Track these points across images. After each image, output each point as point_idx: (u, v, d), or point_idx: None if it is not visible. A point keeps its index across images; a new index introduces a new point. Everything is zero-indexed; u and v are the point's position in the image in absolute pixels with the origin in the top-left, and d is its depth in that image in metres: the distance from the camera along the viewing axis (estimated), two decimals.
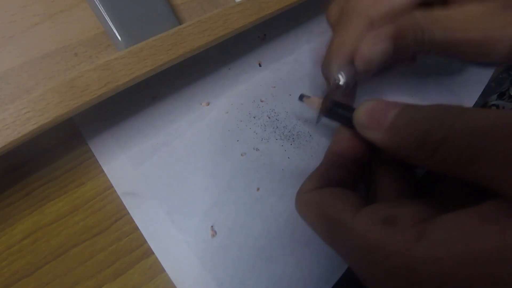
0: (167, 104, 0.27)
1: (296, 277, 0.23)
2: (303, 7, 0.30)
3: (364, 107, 0.18)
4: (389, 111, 0.16)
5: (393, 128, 0.16)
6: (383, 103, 0.17)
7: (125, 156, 0.25)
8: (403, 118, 0.16)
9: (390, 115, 0.16)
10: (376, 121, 0.17)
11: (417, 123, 0.15)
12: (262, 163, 0.26)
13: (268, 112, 0.28)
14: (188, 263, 0.22)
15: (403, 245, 0.13)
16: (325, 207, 0.17)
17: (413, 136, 0.15)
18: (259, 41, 0.31)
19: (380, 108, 0.17)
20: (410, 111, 0.16)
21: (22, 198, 0.22)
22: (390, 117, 0.16)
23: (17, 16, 0.23)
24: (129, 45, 0.22)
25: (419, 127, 0.15)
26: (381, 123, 0.16)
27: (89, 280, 0.21)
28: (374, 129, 0.17)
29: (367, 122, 0.17)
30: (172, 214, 0.23)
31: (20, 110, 0.18)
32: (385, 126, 0.16)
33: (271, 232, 0.24)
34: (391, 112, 0.16)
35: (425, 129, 0.14)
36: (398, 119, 0.16)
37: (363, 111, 0.18)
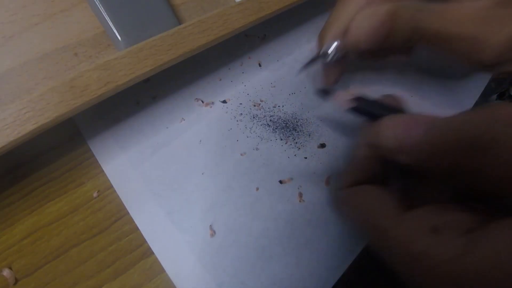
0: (167, 104, 0.27)
1: (296, 277, 0.23)
2: (303, 7, 0.30)
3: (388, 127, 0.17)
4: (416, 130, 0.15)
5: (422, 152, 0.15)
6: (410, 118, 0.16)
7: (125, 156, 0.25)
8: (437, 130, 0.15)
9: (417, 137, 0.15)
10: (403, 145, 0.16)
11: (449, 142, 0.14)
12: (262, 163, 0.26)
13: (268, 112, 0.28)
14: (188, 263, 0.22)
15: (449, 256, 0.12)
16: (365, 210, 0.16)
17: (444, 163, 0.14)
18: (259, 41, 0.31)
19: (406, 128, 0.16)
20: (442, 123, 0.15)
21: (22, 198, 0.22)
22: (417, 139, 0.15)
23: (17, 16, 0.23)
24: (129, 45, 0.22)
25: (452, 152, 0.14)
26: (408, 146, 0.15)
27: (89, 280, 0.21)
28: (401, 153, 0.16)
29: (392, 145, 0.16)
30: (172, 214, 0.23)
31: (20, 110, 0.18)
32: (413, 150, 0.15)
33: (271, 232, 0.24)
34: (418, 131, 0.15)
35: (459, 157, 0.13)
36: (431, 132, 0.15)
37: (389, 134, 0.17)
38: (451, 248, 0.12)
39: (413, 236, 0.14)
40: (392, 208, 0.16)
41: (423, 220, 0.14)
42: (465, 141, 0.14)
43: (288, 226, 0.24)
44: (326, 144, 0.27)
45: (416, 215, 0.15)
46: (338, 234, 0.24)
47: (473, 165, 0.13)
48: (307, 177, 0.26)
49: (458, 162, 0.14)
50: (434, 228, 0.13)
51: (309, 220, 0.24)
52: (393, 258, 0.15)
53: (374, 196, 0.17)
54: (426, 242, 0.13)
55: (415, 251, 0.13)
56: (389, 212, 0.15)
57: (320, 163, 0.26)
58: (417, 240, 0.13)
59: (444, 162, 0.14)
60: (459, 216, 0.14)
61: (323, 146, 0.27)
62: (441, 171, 0.15)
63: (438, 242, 0.13)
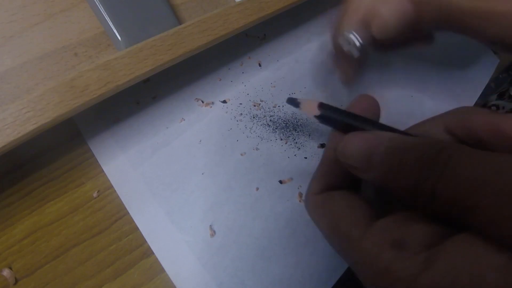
0: (167, 104, 0.27)
1: (296, 277, 0.23)
2: (303, 7, 0.30)
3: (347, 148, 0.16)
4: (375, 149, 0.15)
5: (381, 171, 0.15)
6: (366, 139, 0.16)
7: (125, 156, 0.25)
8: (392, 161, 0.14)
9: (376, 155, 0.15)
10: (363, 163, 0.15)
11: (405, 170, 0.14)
12: (262, 163, 0.26)
13: (268, 112, 0.28)
14: (188, 263, 0.22)
15: (410, 272, 0.12)
16: (335, 218, 0.16)
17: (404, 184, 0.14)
18: (259, 41, 0.31)
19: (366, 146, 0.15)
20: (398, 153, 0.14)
21: (22, 198, 0.22)
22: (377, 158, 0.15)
23: (17, 16, 0.23)
24: (129, 45, 0.22)
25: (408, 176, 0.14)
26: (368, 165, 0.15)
27: (89, 280, 0.21)
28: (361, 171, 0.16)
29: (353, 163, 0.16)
30: (172, 214, 0.23)
31: (20, 110, 0.18)
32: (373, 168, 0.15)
33: (271, 232, 0.24)
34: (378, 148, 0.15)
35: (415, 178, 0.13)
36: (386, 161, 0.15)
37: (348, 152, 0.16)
38: (412, 264, 0.12)
39: (377, 250, 0.13)
40: (362, 217, 0.15)
41: (387, 233, 0.14)
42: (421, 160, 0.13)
43: (288, 226, 0.24)
44: (326, 144, 0.27)
45: (381, 227, 0.14)
46: None
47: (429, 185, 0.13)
48: (307, 177, 0.26)
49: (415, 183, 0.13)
50: (396, 242, 0.13)
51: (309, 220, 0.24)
52: (359, 272, 0.15)
53: (344, 203, 0.16)
54: (388, 257, 0.13)
55: (379, 266, 0.13)
56: (358, 222, 0.15)
57: None
58: (381, 254, 0.13)
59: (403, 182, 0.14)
60: (422, 229, 0.14)
61: (323, 146, 0.27)
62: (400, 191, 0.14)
63: (399, 258, 0.13)
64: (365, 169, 0.15)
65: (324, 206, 0.17)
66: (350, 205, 0.16)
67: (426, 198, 0.13)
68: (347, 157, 0.16)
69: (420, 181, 0.13)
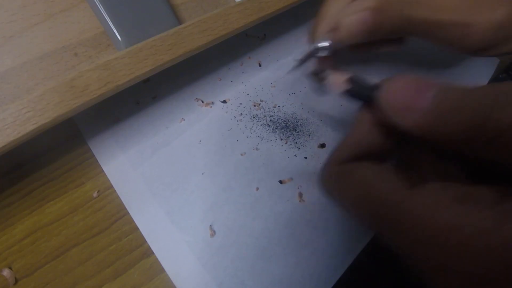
0: (167, 104, 0.27)
1: (296, 277, 0.23)
2: (303, 7, 0.30)
3: (392, 85, 0.15)
4: (426, 90, 0.14)
5: (435, 112, 0.13)
6: (416, 80, 0.14)
7: (125, 156, 0.25)
8: (450, 100, 0.13)
9: (428, 96, 0.14)
10: (411, 102, 0.14)
11: (470, 106, 0.13)
12: (262, 163, 0.26)
13: (267, 112, 0.28)
14: (188, 263, 0.22)
15: (491, 224, 0.11)
16: (368, 185, 0.14)
17: (466, 122, 0.13)
18: (259, 41, 0.31)
19: (414, 87, 0.14)
20: (458, 92, 0.13)
21: (22, 198, 0.22)
22: (430, 98, 0.14)
23: (17, 16, 0.23)
24: (129, 45, 0.22)
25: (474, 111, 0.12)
26: (418, 104, 0.14)
27: (89, 280, 0.21)
28: (408, 111, 0.14)
29: (399, 102, 0.14)
30: (172, 214, 0.23)
31: (20, 110, 0.18)
32: (424, 108, 0.14)
33: (271, 232, 0.24)
34: (429, 91, 0.14)
35: (483, 113, 0.12)
36: (443, 100, 0.13)
37: (394, 89, 0.15)
38: (482, 219, 0.11)
39: (435, 207, 0.12)
40: (400, 182, 0.14)
41: (443, 192, 0.13)
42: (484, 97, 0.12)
43: (288, 226, 0.24)
44: (326, 144, 0.27)
45: (434, 188, 0.13)
46: (338, 234, 0.24)
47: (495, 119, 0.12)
48: (307, 177, 0.26)
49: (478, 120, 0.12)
50: (464, 198, 0.12)
51: (309, 220, 0.24)
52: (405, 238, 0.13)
53: (377, 170, 0.15)
54: (453, 212, 0.12)
55: (440, 223, 0.12)
56: (397, 186, 0.14)
57: (320, 163, 0.26)
58: (442, 211, 0.12)
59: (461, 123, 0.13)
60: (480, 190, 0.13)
61: (323, 146, 0.27)
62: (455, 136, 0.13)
63: (467, 213, 0.12)
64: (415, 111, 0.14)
65: (352, 175, 0.16)
66: (384, 172, 0.15)
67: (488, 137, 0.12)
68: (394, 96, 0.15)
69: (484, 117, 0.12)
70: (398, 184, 0.14)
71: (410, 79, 0.15)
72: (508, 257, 0.11)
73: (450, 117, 0.13)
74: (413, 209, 0.13)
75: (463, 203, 0.12)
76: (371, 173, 0.15)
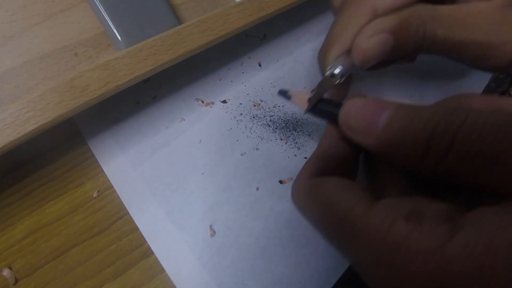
0: (167, 104, 0.27)
1: (296, 277, 0.23)
2: (303, 7, 0.30)
3: (350, 107, 0.16)
4: (381, 112, 0.15)
5: (387, 133, 0.14)
6: (372, 102, 0.15)
7: (125, 156, 0.25)
8: (400, 120, 0.14)
9: (382, 117, 0.14)
10: (366, 124, 0.15)
11: (417, 126, 0.13)
12: (262, 163, 0.26)
13: (268, 112, 0.28)
14: (188, 263, 0.22)
15: (434, 243, 0.11)
16: (331, 199, 0.15)
17: (413, 142, 0.13)
18: (259, 41, 0.31)
19: (370, 108, 0.15)
20: (407, 113, 0.14)
21: (22, 198, 0.22)
22: (383, 119, 0.14)
23: (17, 16, 0.23)
24: (129, 45, 0.22)
25: (420, 131, 0.13)
26: (372, 126, 0.15)
27: (89, 280, 0.21)
28: (364, 133, 0.15)
29: (355, 125, 0.16)
30: (172, 214, 0.23)
31: (20, 110, 0.18)
32: (377, 130, 0.14)
33: (271, 232, 0.24)
34: (383, 113, 0.14)
35: (428, 133, 0.13)
36: (394, 121, 0.14)
37: (350, 112, 0.16)
38: (433, 236, 0.12)
39: (388, 224, 0.12)
40: (362, 197, 0.14)
41: (398, 208, 0.13)
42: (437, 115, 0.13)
43: (288, 226, 0.24)
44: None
45: (390, 203, 0.13)
46: None
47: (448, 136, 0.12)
48: None
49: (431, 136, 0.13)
50: (412, 215, 0.12)
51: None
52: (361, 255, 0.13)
53: (340, 185, 0.15)
54: (404, 230, 0.12)
55: (392, 241, 0.12)
56: (359, 201, 0.14)
57: None
58: (394, 228, 0.12)
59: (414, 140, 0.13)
60: (436, 204, 0.13)
61: None
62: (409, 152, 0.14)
63: (418, 230, 0.12)
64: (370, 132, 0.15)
65: (317, 189, 0.16)
66: (347, 187, 0.15)
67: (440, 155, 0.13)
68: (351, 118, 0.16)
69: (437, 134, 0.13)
70: (360, 200, 0.14)
71: (365, 101, 0.15)
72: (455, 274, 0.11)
73: (399, 137, 0.14)
74: (367, 226, 0.13)
75: (414, 220, 0.12)
76: (334, 187, 0.15)
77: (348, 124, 0.16)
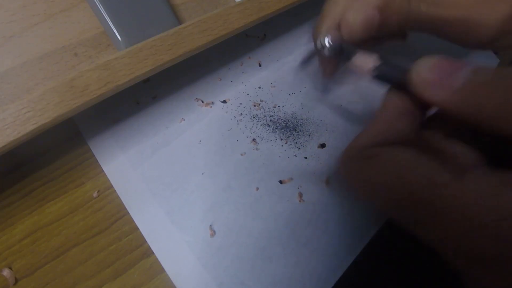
0: (167, 104, 0.27)
1: (296, 277, 0.23)
2: (303, 7, 0.30)
3: (427, 62, 0.15)
4: (457, 69, 0.14)
5: (469, 88, 0.13)
6: (447, 59, 0.14)
7: (125, 156, 0.25)
8: (484, 77, 0.13)
9: (461, 73, 0.14)
10: (445, 78, 0.14)
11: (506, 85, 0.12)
12: (262, 163, 0.26)
13: (268, 112, 0.28)
14: (188, 263, 0.22)
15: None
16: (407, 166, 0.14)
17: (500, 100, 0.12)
18: (259, 41, 0.31)
19: (447, 64, 0.14)
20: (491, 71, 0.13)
21: (22, 198, 0.22)
22: (463, 74, 0.13)
23: (17, 16, 0.23)
24: (129, 45, 0.22)
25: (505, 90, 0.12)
26: (452, 80, 0.14)
27: (89, 280, 0.21)
28: (442, 87, 0.14)
29: (432, 78, 0.14)
30: (172, 214, 0.23)
31: (20, 110, 0.18)
32: (457, 84, 0.14)
33: (271, 232, 0.24)
34: (461, 70, 0.14)
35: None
36: (477, 77, 0.13)
37: (427, 66, 0.15)
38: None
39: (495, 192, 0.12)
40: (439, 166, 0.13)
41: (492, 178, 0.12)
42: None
43: (288, 226, 0.24)
44: (326, 144, 0.27)
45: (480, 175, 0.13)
46: (338, 234, 0.24)
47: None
48: (307, 177, 0.26)
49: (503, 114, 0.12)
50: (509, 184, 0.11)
51: (309, 220, 0.24)
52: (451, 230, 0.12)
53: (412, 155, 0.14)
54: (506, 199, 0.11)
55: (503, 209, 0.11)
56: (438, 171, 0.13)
57: (320, 163, 0.26)
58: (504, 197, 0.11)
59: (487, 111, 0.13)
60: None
61: (323, 146, 0.27)
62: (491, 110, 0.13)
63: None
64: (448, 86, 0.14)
65: (381, 158, 0.15)
66: (421, 156, 0.14)
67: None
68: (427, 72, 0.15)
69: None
70: (441, 167, 0.13)
71: (442, 59, 0.15)
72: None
73: (483, 93, 0.13)
74: (464, 194, 0.12)
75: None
76: (408, 155, 0.14)
77: (424, 77, 0.15)
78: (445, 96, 0.14)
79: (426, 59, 0.15)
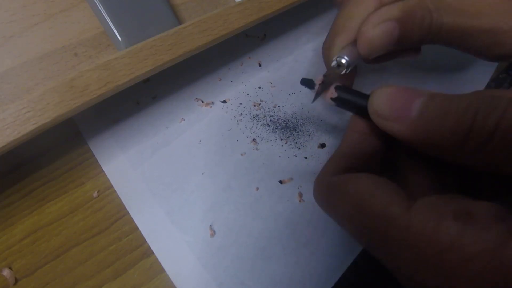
0: (167, 104, 0.27)
1: (296, 277, 0.23)
2: (303, 7, 0.30)
3: (381, 94, 0.15)
4: (413, 98, 0.14)
5: (422, 119, 0.14)
6: (404, 89, 0.15)
7: (125, 156, 0.25)
8: (436, 107, 0.13)
9: (416, 104, 0.14)
10: (399, 111, 0.14)
11: (456, 113, 0.13)
12: (262, 163, 0.26)
13: (267, 112, 0.28)
14: (188, 263, 0.22)
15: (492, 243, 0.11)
16: (362, 196, 0.14)
17: (452, 130, 0.13)
18: (259, 41, 0.31)
19: (402, 95, 0.14)
20: (443, 100, 0.13)
21: (22, 198, 0.22)
22: (417, 105, 0.14)
23: (17, 16, 0.23)
24: (129, 45, 0.22)
25: (459, 119, 0.12)
26: (406, 113, 0.14)
27: (89, 280, 0.21)
28: (397, 120, 0.14)
29: (387, 112, 0.15)
30: (172, 214, 0.23)
31: (20, 110, 0.18)
32: (411, 116, 0.14)
33: (271, 232, 0.24)
34: (416, 100, 0.14)
35: (469, 120, 0.12)
36: (429, 108, 0.14)
37: (382, 99, 0.15)
38: (490, 236, 0.11)
39: (435, 224, 0.12)
40: (397, 195, 0.13)
41: (443, 207, 0.12)
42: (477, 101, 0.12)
43: (288, 226, 0.24)
44: (326, 144, 0.27)
45: (432, 202, 0.13)
46: (338, 234, 0.24)
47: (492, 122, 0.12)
48: (307, 177, 0.26)
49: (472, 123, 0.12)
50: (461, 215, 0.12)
51: (309, 220, 0.24)
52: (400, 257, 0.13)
53: (372, 182, 0.14)
54: (455, 230, 0.11)
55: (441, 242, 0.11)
56: (394, 200, 0.13)
57: (320, 163, 0.26)
58: (442, 229, 0.11)
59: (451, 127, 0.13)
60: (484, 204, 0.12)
61: (323, 146, 0.27)
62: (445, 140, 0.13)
63: (471, 230, 0.11)
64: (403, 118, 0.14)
65: (346, 186, 0.15)
66: (380, 183, 0.14)
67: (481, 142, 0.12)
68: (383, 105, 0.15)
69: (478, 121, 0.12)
70: (394, 198, 0.13)
71: (397, 88, 0.15)
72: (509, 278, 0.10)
73: (436, 124, 0.13)
74: (411, 226, 0.12)
75: (464, 220, 0.12)
76: (365, 184, 0.15)
77: (379, 111, 0.15)
78: (400, 127, 0.14)
79: (381, 90, 0.15)
